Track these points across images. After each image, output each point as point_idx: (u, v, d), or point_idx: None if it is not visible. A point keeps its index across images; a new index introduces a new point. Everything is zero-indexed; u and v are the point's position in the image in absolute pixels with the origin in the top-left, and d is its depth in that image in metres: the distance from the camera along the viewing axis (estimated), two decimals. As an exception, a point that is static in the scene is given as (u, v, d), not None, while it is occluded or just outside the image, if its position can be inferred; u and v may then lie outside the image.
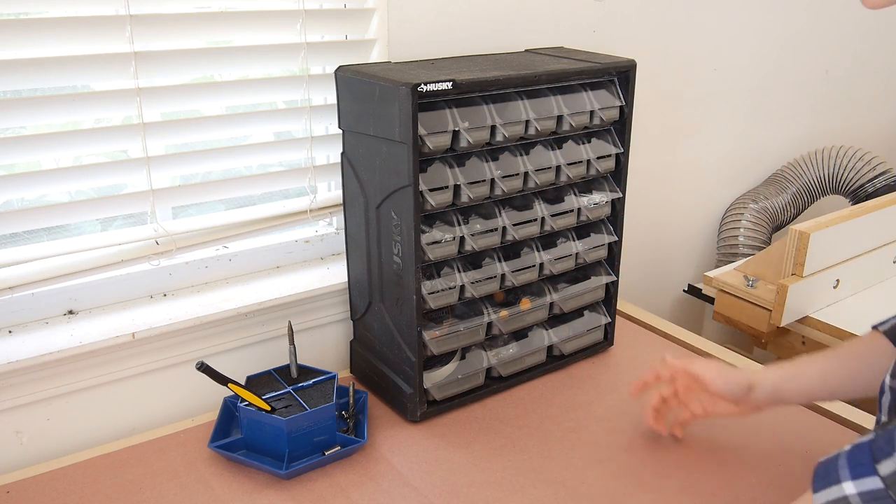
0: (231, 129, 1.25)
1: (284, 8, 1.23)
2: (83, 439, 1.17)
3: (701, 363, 1.08)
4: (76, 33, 1.07)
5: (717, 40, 1.82)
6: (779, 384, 1.02)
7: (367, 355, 1.28)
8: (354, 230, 1.23)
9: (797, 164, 2.05)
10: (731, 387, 1.04)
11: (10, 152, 1.07)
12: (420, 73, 1.10)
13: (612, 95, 1.25)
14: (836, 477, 0.69)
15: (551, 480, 1.06)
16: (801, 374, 1.01)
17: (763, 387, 1.02)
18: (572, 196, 1.27)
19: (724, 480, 1.07)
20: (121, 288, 1.21)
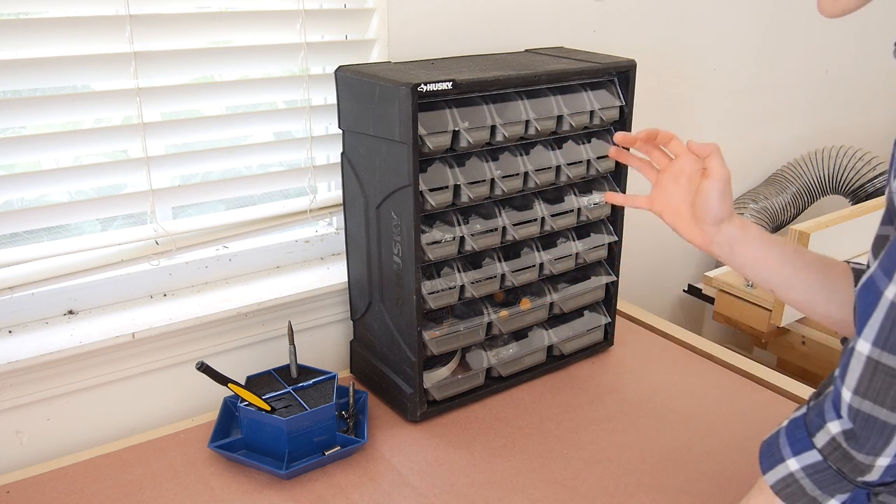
0: (231, 129, 1.25)
1: (284, 8, 1.23)
2: (83, 439, 1.17)
3: (721, 166, 0.94)
4: (76, 33, 1.07)
5: (717, 40, 1.82)
6: (744, 236, 0.93)
7: (367, 355, 1.28)
8: (354, 230, 1.23)
9: (797, 164, 2.05)
10: (721, 203, 0.92)
11: (10, 152, 1.07)
12: (420, 73, 1.10)
13: (612, 95, 1.25)
14: (779, 455, 0.72)
15: (551, 480, 1.06)
16: (763, 244, 0.94)
17: (731, 226, 0.93)
18: (572, 196, 1.27)
19: (723, 480, 1.07)
20: (121, 288, 1.21)
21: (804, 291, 0.92)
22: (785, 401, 1.26)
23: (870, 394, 0.64)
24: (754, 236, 0.94)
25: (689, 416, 1.21)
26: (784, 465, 0.71)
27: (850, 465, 0.68)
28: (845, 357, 0.67)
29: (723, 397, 1.26)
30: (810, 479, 0.70)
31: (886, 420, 0.64)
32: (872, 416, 0.64)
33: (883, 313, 0.63)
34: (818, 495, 0.71)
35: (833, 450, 0.68)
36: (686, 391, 1.28)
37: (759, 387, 1.30)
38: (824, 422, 0.69)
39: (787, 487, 0.72)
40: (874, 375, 0.64)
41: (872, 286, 0.64)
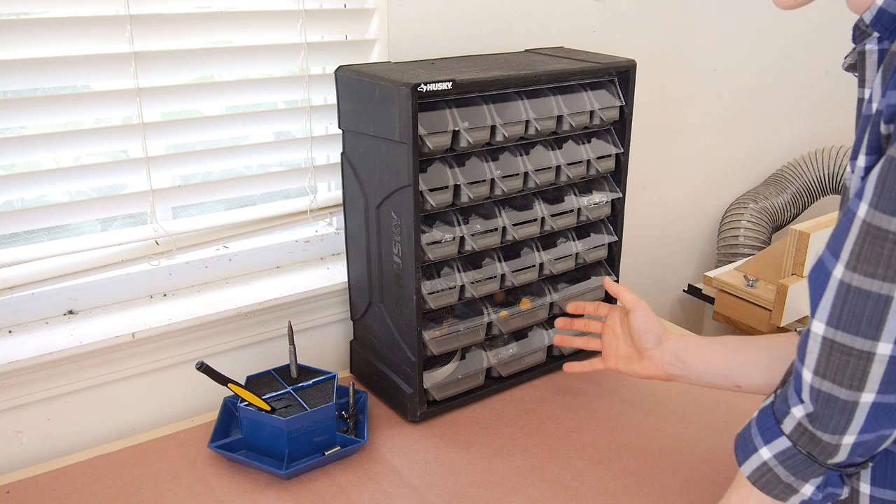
0: (231, 129, 1.25)
1: (284, 8, 1.23)
2: (83, 439, 1.17)
3: (634, 295, 1.08)
4: (76, 33, 1.07)
5: (717, 40, 1.82)
6: (685, 345, 1.02)
7: (367, 355, 1.28)
8: (354, 230, 1.23)
9: (797, 164, 2.06)
10: (649, 327, 1.04)
11: (10, 152, 1.07)
12: (420, 73, 1.10)
13: (612, 95, 1.25)
14: (752, 446, 0.73)
15: (551, 480, 1.07)
16: (707, 343, 1.01)
17: (670, 342, 1.03)
18: (572, 196, 1.27)
19: (724, 480, 1.07)
20: (121, 288, 1.22)
21: (762, 373, 0.96)
22: (785, 401, 1.26)
23: (828, 374, 0.65)
24: (695, 342, 1.02)
25: (689, 417, 1.22)
26: (757, 455, 0.73)
27: (819, 448, 0.69)
28: (802, 340, 0.68)
29: (723, 397, 1.26)
30: (783, 465, 0.71)
31: (846, 399, 0.65)
32: (833, 395, 0.66)
33: (833, 292, 0.64)
34: (792, 481, 0.72)
35: (801, 434, 0.69)
36: (686, 391, 1.28)
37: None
38: (789, 407, 0.70)
39: (762, 477, 0.73)
40: (830, 355, 0.65)
41: (822, 267, 0.65)
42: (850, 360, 0.64)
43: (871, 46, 0.70)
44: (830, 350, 0.65)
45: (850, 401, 0.65)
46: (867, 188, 0.61)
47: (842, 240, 0.63)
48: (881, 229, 0.60)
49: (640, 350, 1.06)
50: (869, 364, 0.63)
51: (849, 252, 0.62)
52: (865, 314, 0.62)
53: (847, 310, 0.63)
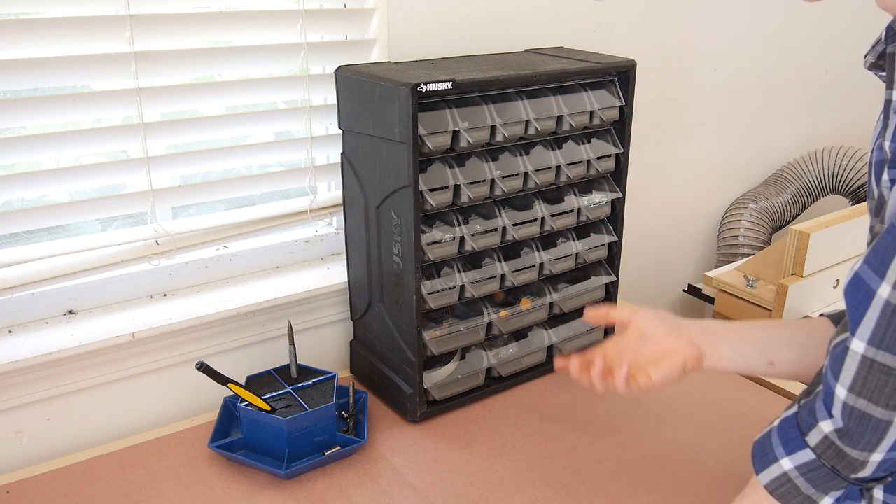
0: (231, 129, 1.25)
1: (284, 8, 1.23)
2: (83, 439, 1.17)
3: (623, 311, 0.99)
4: (76, 33, 1.07)
5: (717, 40, 1.82)
6: (709, 322, 0.95)
7: (367, 355, 1.28)
8: (354, 230, 1.23)
9: (797, 164, 2.05)
10: (657, 316, 0.95)
11: (10, 152, 1.07)
12: (420, 73, 1.10)
13: (612, 95, 1.25)
14: (773, 455, 0.73)
15: (551, 480, 1.06)
16: (732, 323, 0.95)
17: (689, 322, 0.95)
18: (572, 196, 1.27)
19: (723, 480, 1.07)
20: (121, 288, 1.21)
21: (796, 350, 0.91)
22: (785, 401, 1.26)
23: (865, 392, 0.65)
24: (717, 321, 0.95)
25: (689, 416, 1.21)
26: (777, 465, 0.72)
27: (844, 463, 0.68)
28: (838, 355, 0.67)
29: (723, 397, 1.27)
30: (804, 477, 0.71)
31: (881, 417, 0.65)
32: (867, 413, 0.65)
33: (878, 312, 0.63)
34: (812, 493, 0.71)
35: (826, 448, 0.69)
36: (686, 391, 1.28)
37: (760, 387, 1.30)
38: (816, 421, 0.69)
39: (781, 487, 0.73)
40: (869, 374, 0.64)
41: (861, 283, 0.64)
42: (889, 381, 0.63)
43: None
44: (869, 369, 0.64)
45: (884, 420, 0.64)
46: None
47: (888, 259, 0.62)
48: None
49: (664, 337, 0.94)
50: None
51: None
52: None
53: (892, 330, 0.62)
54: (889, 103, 0.70)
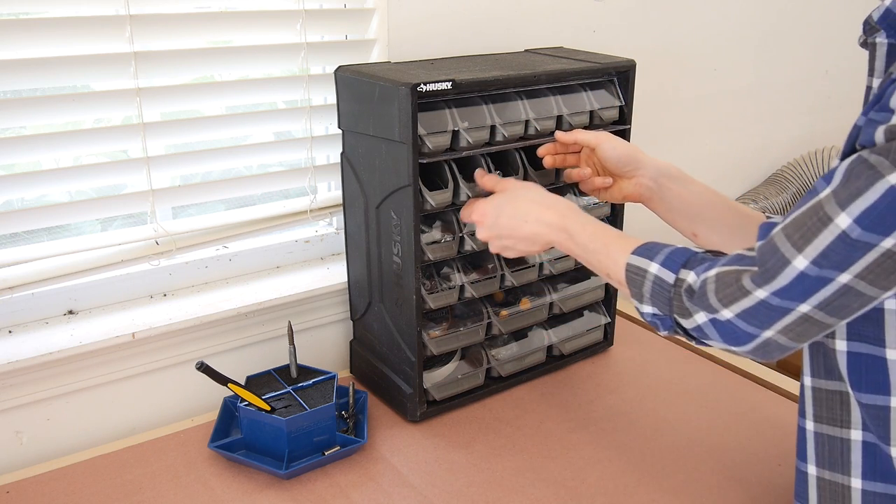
0: (231, 129, 1.25)
1: (284, 8, 1.23)
2: (83, 439, 1.17)
3: (590, 133, 1.09)
4: (76, 33, 1.07)
5: (717, 40, 1.82)
6: (668, 171, 1.05)
7: (367, 355, 1.28)
8: (354, 230, 1.23)
9: (797, 164, 2.06)
10: (620, 152, 1.06)
11: (10, 152, 1.07)
12: (420, 73, 1.10)
13: (612, 95, 1.25)
14: (653, 255, 0.84)
15: (551, 480, 1.07)
16: (689, 181, 1.05)
17: (653, 163, 1.06)
18: (572, 196, 1.27)
19: (723, 480, 1.07)
20: (121, 288, 1.22)
21: (724, 234, 1.02)
22: (785, 401, 1.26)
23: (723, 297, 0.75)
24: (676, 173, 1.06)
25: (689, 416, 1.21)
26: (648, 263, 0.84)
27: (680, 306, 0.80)
28: (738, 258, 0.75)
29: (723, 397, 1.26)
30: (652, 284, 0.83)
31: (713, 305, 0.76)
32: (706, 288, 0.76)
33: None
34: (644, 297, 0.84)
35: (681, 287, 0.80)
36: (686, 391, 1.28)
37: (759, 387, 1.30)
38: (692, 270, 0.80)
39: (634, 274, 0.85)
40: (729, 286, 0.75)
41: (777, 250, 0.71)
42: (740, 296, 0.74)
43: (881, 39, 0.75)
44: (736, 286, 0.74)
45: (714, 309, 0.76)
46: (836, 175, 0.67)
47: (796, 210, 0.71)
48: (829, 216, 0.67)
49: (620, 175, 1.08)
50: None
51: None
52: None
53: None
54: (869, 90, 0.77)
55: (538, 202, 0.98)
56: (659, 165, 1.06)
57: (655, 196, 1.05)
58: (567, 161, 1.12)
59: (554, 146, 1.11)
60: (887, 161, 0.64)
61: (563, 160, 1.12)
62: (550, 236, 0.96)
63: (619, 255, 0.88)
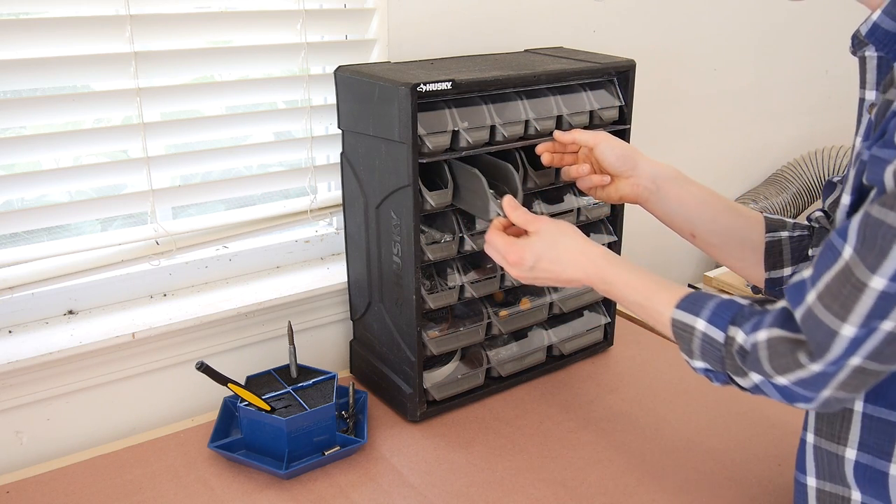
0: (231, 129, 1.25)
1: (284, 8, 1.23)
2: (83, 439, 1.17)
3: (589, 132, 1.09)
4: (76, 33, 1.07)
5: (717, 40, 1.82)
6: (666, 173, 1.05)
7: (367, 355, 1.28)
8: (354, 230, 1.23)
9: (797, 164, 2.05)
10: (619, 152, 1.06)
11: (10, 152, 1.07)
12: (420, 73, 1.10)
13: (612, 95, 1.25)
14: (698, 310, 0.82)
15: (551, 480, 1.07)
16: (687, 182, 1.05)
17: (649, 164, 1.05)
18: (572, 196, 1.27)
19: (723, 480, 1.07)
20: (121, 288, 1.22)
21: (722, 235, 1.02)
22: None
23: (776, 364, 0.73)
24: (674, 174, 1.05)
25: (689, 416, 1.22)
26: (694, 319, 0.82)
27: (733, 365, 0.78)
28: (783, 309, 0.74)
29: (723, 397, 1.26)
30: (702, 341, 0.81)
31: (765, 369, 0.74)
32: (759, 356, 0.75)
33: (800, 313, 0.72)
34: (694, 353, 0.83)
35: (731, 347, 0.78)
36: (686, 391, 1.28)
37: (759, 387, 1.30)
38: (741, 328, 0.78)
39: (682, 330, 0.83)
40: (780, 346, 0.73)
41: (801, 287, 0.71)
42: (790, 354, 0.72)
43: (870, 53, 0.76)
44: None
45: (767, 373, 0.74)
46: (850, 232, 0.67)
47: (822, 272, 0.70)
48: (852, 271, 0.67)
49: (618, 175, 1.07)
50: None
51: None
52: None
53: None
54: (862, 101, 0.78)
55: (577, 250, 0.95)
56: (656, 167, 1.06)
57: (653, 197, 1.05)
58: (564, 160, 1.12)
59: (552, 145, 1.11)
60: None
61: (561, 159, 1.12)
62: (589, 283, 0.95)
63: (663, 308, 0.86)
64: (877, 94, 0.76)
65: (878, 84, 0.76)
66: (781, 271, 0.99)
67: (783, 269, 0.99)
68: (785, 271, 0.99)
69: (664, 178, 1.05)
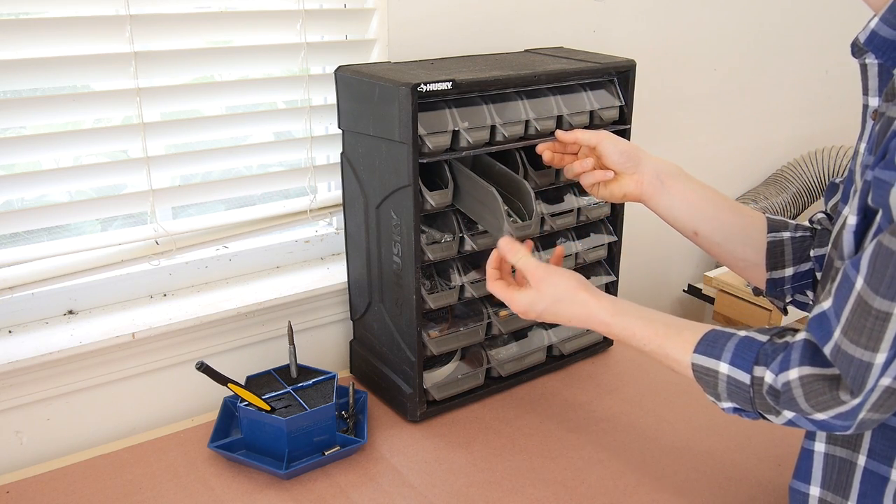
0: (231, 129, 1.25)
1: (284, 8, 1.23)
2: (83, 439, 1.17)
3: (591, 132, 1.08)
4: (76, 33, 1.07)
5: (717, 40, 1.82)
6: (668, 169, 1.05)
7: (367, 355, 1.28)
8: (354, 230, 1.23)
9: (797, 164, 2.06)
10: (621, 149, 1.05)
11: (10, 152, 1.07)
12: (420, 73, 1.10)
13: (612, 95, 1.25)
14: (719, 353, 0.80)
15: (551, 480, 1.07)
16: (689, 179, 1.05)
17: (652, 161, 1.05)
18: (572, 196, 1.27)
19: (723, 480, 1.07)
20: (121, 288, 1.22)
21: (725, 233, 1.02)
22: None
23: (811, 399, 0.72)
24: (676, 171, 1.05)
25: (689, 416, 1.22)
26: (716, 363, 0.80)
27: (763, 404, 0.77)
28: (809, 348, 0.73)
29: (723, 397, 1.26)
30: (727, 384, 0.80)
31: (804, 408, 0.73)
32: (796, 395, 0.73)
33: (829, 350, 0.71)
34: (721, 396, 0.81)
35: (760, 387, 0.77)
36: (686, 391, 1.28)
37: (759, 387, 1.30)
38: (768, 366, 0.76)
39: (704, 375, 0.82)
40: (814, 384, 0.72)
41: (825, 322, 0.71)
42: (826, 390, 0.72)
43: (871, 60, 0.77)
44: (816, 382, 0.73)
45: (805, 411, 0.73)
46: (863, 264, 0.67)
47: (842, 305, 0.69)
48: (867, 304, 0.67)
49: (621, 172, 1.06)
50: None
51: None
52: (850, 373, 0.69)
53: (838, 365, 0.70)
54: (866, 108, 0.78)
55: (580, 312, 0.93)
56: (660, 163, 1.06)
57: (657, 194, 1.05)
58: (564, 161, 1.12)
59: (553, 144, 1.11)
60: None
61: (561, 160, 1.12)
62: (596, 330, 0.94)
63: (680, 355, 0.85)
64: (879, 101, 0.76)
65: (881, 91, 0.76)
66: (783, 272, 0.99)
67: (784, 270, 0.99)
68: (786, 272, 0.99)
69: (668, 174, 1.05)
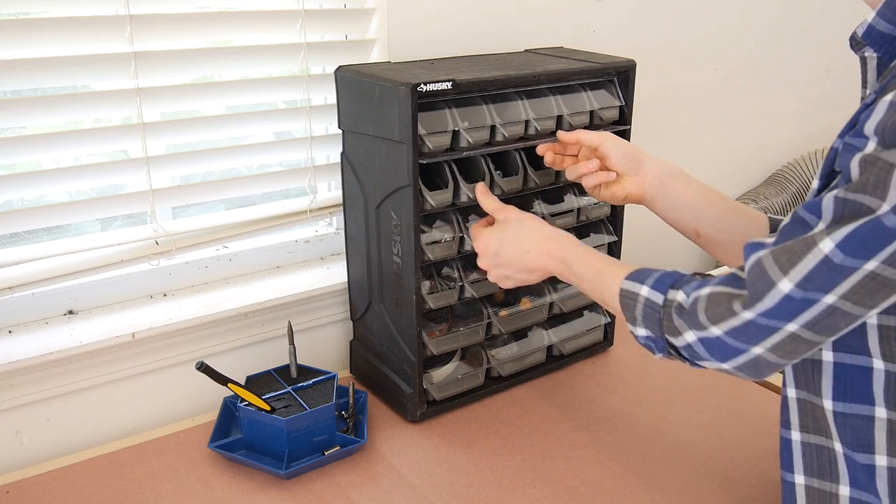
0: (231, 129, 1.25)
1: (284, 8, 1.23)
2: (83, 439, 1.17)
3: (593, 132, 1.09)
4: (76, 33, 1.07)
5: (717, 40, 1.82)
6: (671, 171, 1.06)
7: (367, 355, 1.28)
8: (354, 230, 1.23)
9: (797, 164, 2.06)
10: (623, 150, 1.06)
11: (10, 152, 1.07)
12: (420, 73, 1.10)
13: (612, 95, 1.25)
14: (644, 278, 0.86)
15: (551, 480, 1.07)
16: (691, 180, 1.06)
17: (654, 163, 1.07)
18: (572, 196, 1.27)
19: (723, 480, 1.07)
20: (121, 288, 1.22)
21: (726, 233, 1.03)
22: (785, 401, 1.26)
23: (714, 318, 0.76)
24: (678, 172, 1.06)
25: (689, 416, 1.22)
26: (639, 286, 0.86)
27: (669, 324, 0.81)
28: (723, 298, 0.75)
29: (723, 397, 1.26)
30: (644, 306, 0.85)
31: (703, 323, 0.77)
32: (696, 309, 0.77)
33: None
34: (637, 320, 0.86)
35: (669, 308, 0.82)
36: (686, 391, 1.28)
37: (759, 387, 1.30)
38: (681, 289, 0.81)
39: (627, 299, 0.87)
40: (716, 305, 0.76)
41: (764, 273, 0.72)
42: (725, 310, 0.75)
43: (870, 54, 0.78)
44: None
45: (704, 327, 0.77)
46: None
47: (785, 239, 0.72)
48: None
49: (623, 173, 1.07)
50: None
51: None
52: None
53: None
54: (863, 101, 0.78)
55: (540, 234, 1.01)
56: (662, 165, 1.06)
57: (659, 195, 1.05)
58: (565, 163, 1.13)
59: (554, 145, 1.11)
60: (868, 196, 0.66)
61: (562, 161, 1.13)
62: (550, 267, 0.99)
63: (612, 282, 0.89)
64: None
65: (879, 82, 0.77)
66: None
67: None
68: None
69: (669, 175, 1.05)
